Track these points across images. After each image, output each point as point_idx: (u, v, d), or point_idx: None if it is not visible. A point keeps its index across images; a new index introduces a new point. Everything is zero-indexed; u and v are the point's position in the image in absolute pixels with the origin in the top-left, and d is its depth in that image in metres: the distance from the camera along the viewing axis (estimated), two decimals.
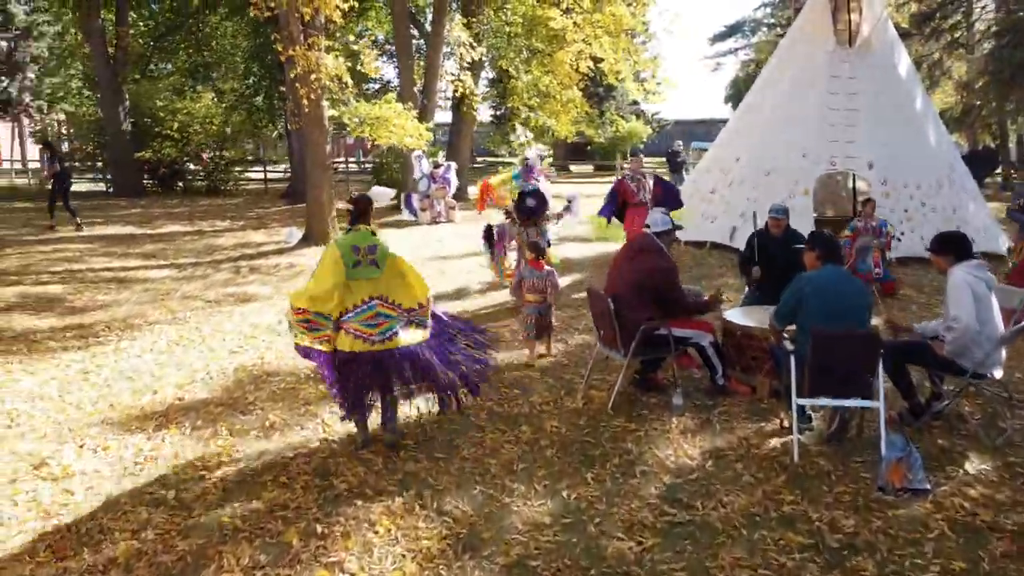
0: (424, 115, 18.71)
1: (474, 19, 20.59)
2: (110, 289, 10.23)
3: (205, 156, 24.96)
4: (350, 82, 13.35)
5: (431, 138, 14.62)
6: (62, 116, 31.95)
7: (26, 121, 38.24)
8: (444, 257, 12.78)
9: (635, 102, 37.46)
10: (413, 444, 5.07)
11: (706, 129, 61.66)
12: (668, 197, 9.87)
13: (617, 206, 10.36)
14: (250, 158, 27.95)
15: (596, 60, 21.20)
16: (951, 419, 5.38)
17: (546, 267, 7.56)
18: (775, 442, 5.05)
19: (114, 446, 5.09)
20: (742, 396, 5.85)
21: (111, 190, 23.95)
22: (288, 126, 20.19)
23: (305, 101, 12.94)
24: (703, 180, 14.52)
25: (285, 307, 5.27)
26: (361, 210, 5.30)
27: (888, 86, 13.32)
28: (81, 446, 5.08)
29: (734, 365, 6.03)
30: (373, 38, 27.66)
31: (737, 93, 59.55)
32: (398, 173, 20.33)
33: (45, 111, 36.12)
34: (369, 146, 13.97)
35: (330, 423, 5.41)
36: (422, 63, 20.41)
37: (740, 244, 10.74)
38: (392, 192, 5.80)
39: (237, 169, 26.25)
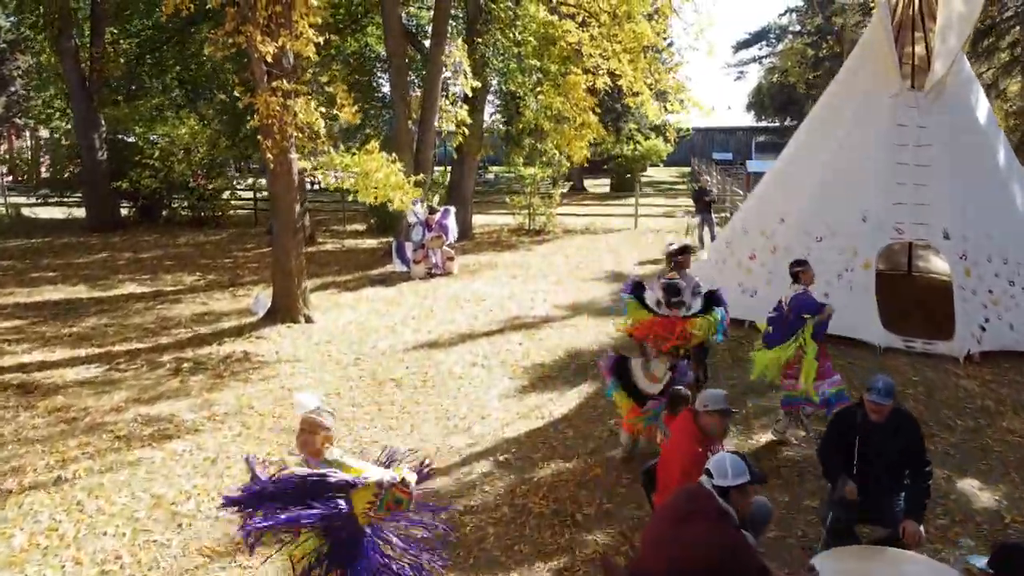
0: (421, 150, 16.65)
1: (479, 40, 18.48)
2: (6, 410, 8.20)
3: (199, 180, 22.89)
4: (323, 131, 11.30)
5: (420, 194, 12.51)
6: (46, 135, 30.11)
7: (16, 141, 36.64)
8: (430, 344, 10.66)
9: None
10: None
11: (726, 137, 59.68)
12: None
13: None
14: (240, 185, 25.93)
15: (614, 76, 19.12)
16: None
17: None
18: None
19: None
20: None
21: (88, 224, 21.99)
22: None
23: (269, 155, 10.89)
24: (740, 242, 12.34)
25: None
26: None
27: (965, 137, 11.08)
28: None
29: None
30: (375, 55, 25.56)
31: (760, 101, 57.38)
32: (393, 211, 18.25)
33: (33, 128, 34.45)
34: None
35: None
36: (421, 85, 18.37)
37: None
38: (313, 402, 3.80)
39: (225, 196, 24.26)
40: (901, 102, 11.07)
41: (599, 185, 37.61)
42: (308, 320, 11.76)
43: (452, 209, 16.11)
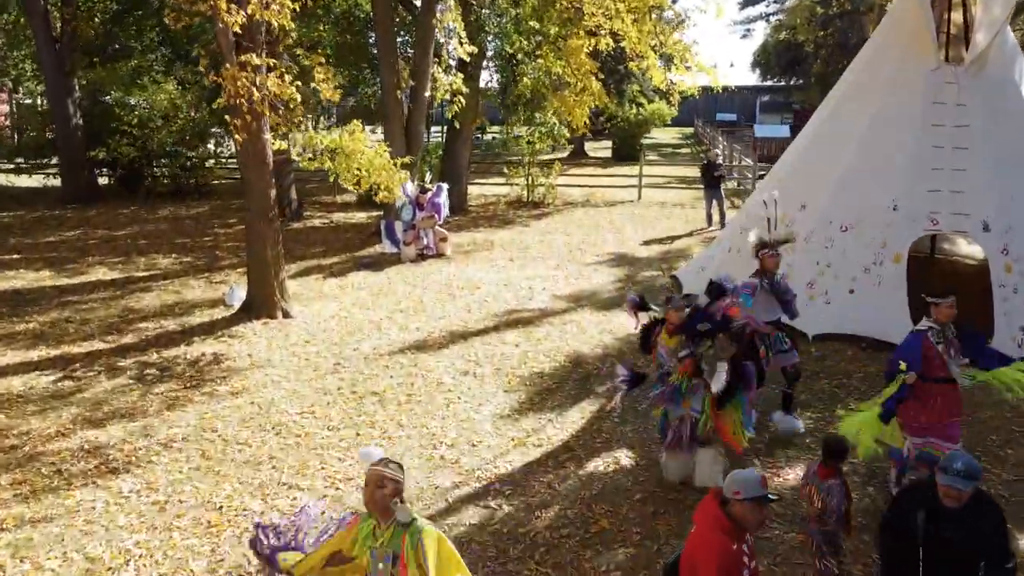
0: (411, 121, 15.54)
1: (474, 1, 17.27)
2: None
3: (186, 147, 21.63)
4: (299, 101, 10.24)
5: (407, 179, 11.49)
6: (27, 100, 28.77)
7: None
8: (417, 346, 9.73)
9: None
10: None
11: (729, 97, 57.94)
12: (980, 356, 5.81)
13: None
14: (224, 153, 24.68)
15: (616, 37, 17.99)
16: None
17: (832, 480, 4.85)
18: None
19: None
20: None
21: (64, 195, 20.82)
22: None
23: (238, 136, 9.85)
24: (756, 231, 11.33)
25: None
26: None
27: (1010, 116, 10.05)
28: None
29: None
30: (365, 15, 24.22)
31: (766, 60, 55.66)
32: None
33: (11, 90, 33.06)
34: None
35: None
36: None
37: None
38: (378, 454, 3.80)
39: (209, 163, 23.09)
40: (938, 77, 10.04)
41: (600, 148, 36.33)
42: (286, 315, 10.82)
43: (445, 186, 15.06)
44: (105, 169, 22.17)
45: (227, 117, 9.95)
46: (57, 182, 21.90)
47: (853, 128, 10.59)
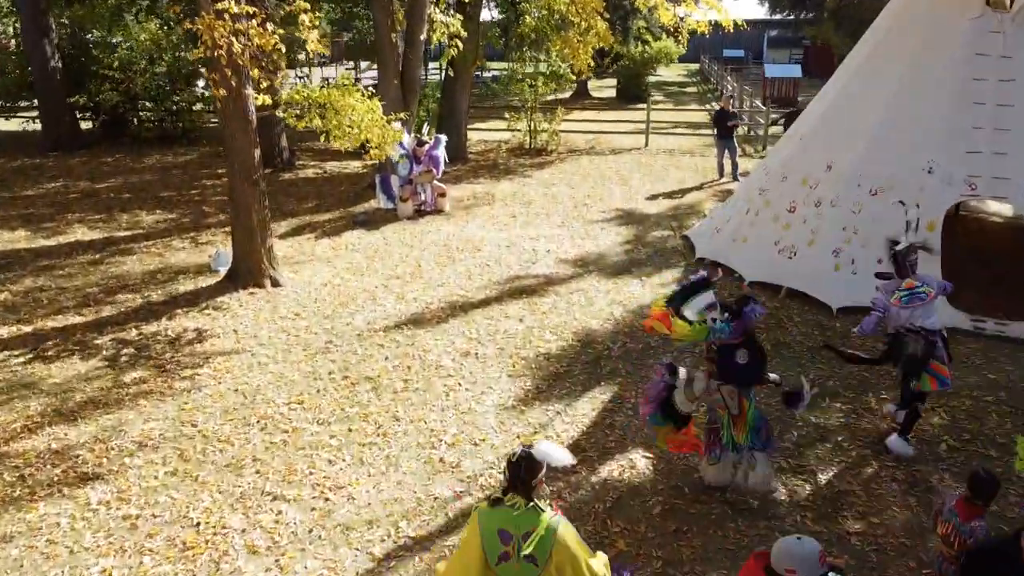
0: (407, 67, 14.58)
1: None
2: None
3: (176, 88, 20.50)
4: (283, 51, 9.38)
5: (401, 137, 10.67)
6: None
7: None
8: (415, 320, 9.09)
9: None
10: None
11: (737, 32, 56.12)
12: None
13: None
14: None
15: None
16: None
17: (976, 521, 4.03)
18: None
19: None
20: None
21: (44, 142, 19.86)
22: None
23: (216, 92, 9.02)
24: (777, 190, 10.62)
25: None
26: (518, 474, 3.64)
27: None
28: None
29: None
30: None
31: None
32: None
33: None
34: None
35: None
36: None
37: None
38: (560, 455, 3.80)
39: (197, 107, 22.01)
40: (980, 26, 9.21)
41: (603, 87, 35.07)
42: (275, 283, 10.15)
43: (443, 138, 14.17)
44: (88, 114, 21.21)
45: (203, 70, 9.10)
46: (39, 126, 20.94)
47: (884, 82, 9.78)
